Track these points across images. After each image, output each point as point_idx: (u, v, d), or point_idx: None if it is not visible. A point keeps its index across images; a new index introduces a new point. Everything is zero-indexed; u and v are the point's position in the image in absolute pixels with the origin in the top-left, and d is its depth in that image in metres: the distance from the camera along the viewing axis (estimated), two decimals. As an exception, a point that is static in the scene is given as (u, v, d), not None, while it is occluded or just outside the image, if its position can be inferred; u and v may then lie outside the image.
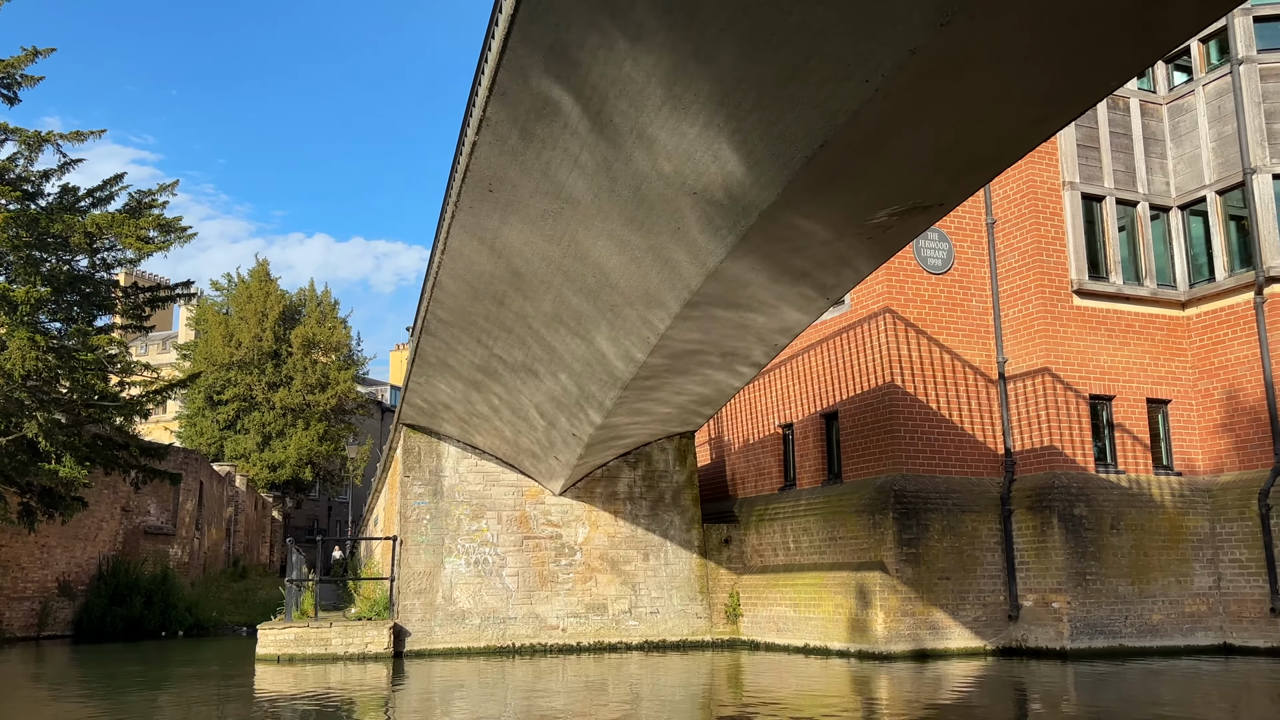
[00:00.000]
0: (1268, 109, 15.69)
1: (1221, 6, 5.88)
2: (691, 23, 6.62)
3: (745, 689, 13.00)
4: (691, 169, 8.46)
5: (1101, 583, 14.71)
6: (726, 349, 12.78)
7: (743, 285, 10.56)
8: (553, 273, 11.43)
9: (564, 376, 13.97)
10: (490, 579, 16.93)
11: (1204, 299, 16.37)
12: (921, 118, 7.25)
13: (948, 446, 15.87)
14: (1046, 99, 7.15)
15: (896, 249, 9.78)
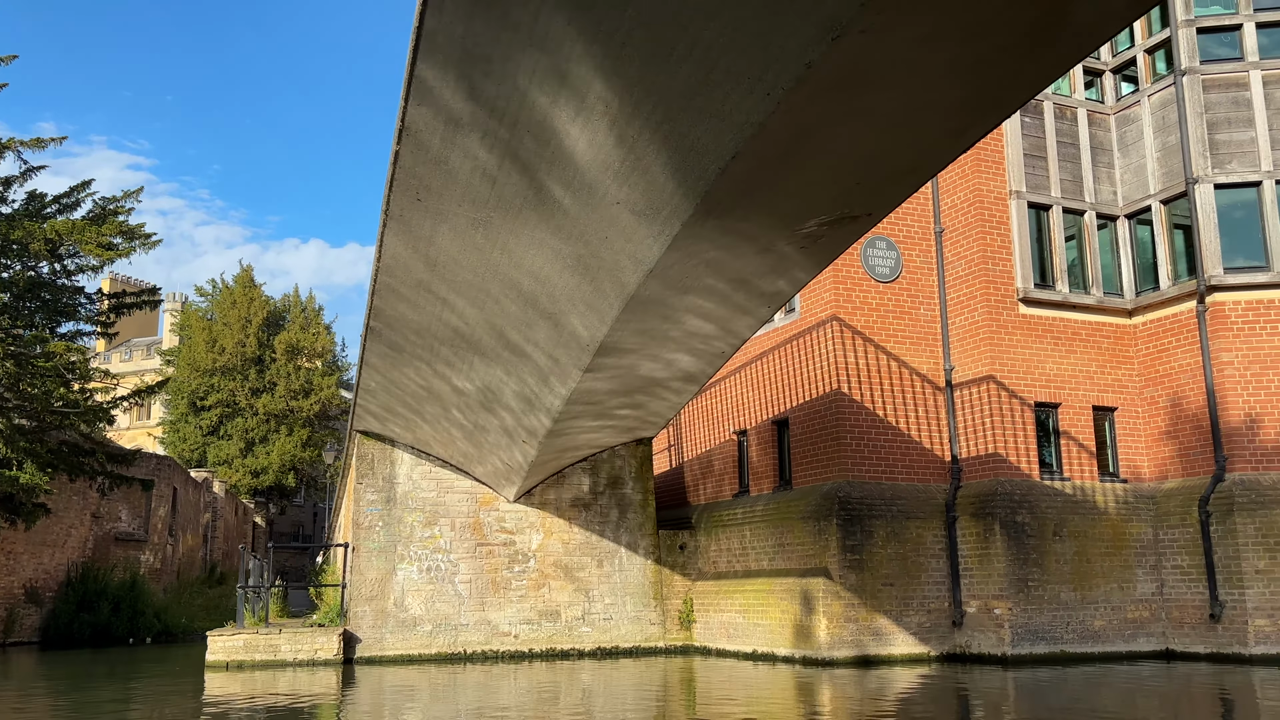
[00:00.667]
0: (1210, 120, 15.85)
1: (1121, 20, 5.96)
2: (595, 36, 6.72)
3: (689, 695, 13.08)
4: (611, 179, 8.56)
5: (1044, 589, 14.82)
6: (669, 357, 12.88)
7: (679, 292, 10.66)
8: (488, 281, 11.52)
9: (511, 384, 14.07)
10: (442, 586, 17.00)
11: (1150, 307, 16.52)
12: (835, 130, 7.35)
13: (894, 453, 15.99)
14: (961, 110, 7.24)
15: (833, 257, 9.86)
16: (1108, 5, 6.05)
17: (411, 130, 8.65)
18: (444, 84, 7.58)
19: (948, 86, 6.88)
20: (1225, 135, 15.82)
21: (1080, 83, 17.26)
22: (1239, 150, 15.75)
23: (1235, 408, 15.15)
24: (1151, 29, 16.85)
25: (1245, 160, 15.70)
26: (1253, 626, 14.22)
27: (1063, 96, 17.07)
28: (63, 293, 20.84)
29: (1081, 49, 6.42)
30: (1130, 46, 17.18)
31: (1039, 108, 16.75)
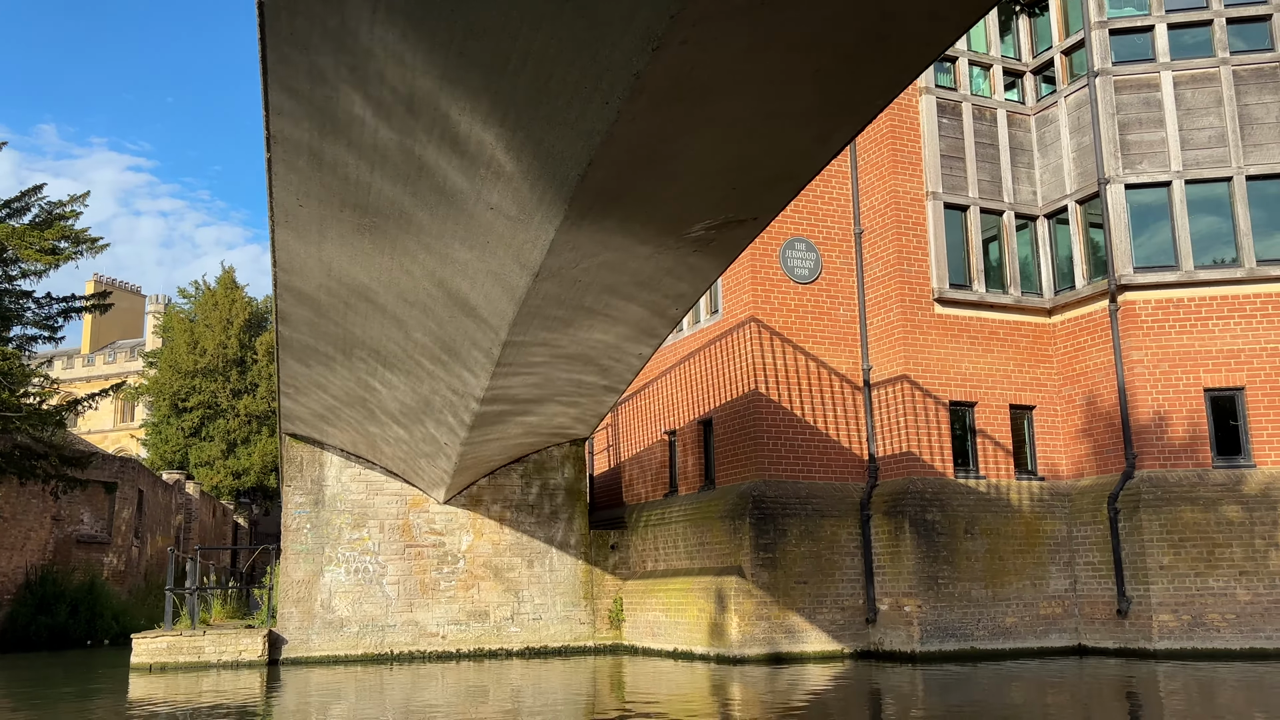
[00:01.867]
0: (1121, 120, 16.00)
1: (957, 27, 6.04)
2: (433, 47, 6.84)
3: (594, 693, 13.25)
4: (480, 185, 8.71)
5: (954, 586, 14.98)
6: (588, 358, 12.97)
7: (580, 293, 10.74)
8: (385, 287, 11.65)
9: (423, 392, 14.22)
10: (370, 587, 17.17)
11: (1067, 306, 16.67)
12: (691, 138, 7.49)
13: (812, 452, 16.15)
14: (819, 116, 7.37)
15: (730, 258, 9.86)
16: (939, 17, 6.18)
17: (279, 139, 8.80)
18: (298, 97, 7.71)
19: (796, 94, 7.02)
20: (1137, 136, 15.97)
21: (1000, 84, 17.41)
22: (1150, 151, 15.89)
23: (1145, 406, 15.31)
24: (1069, 30, 16.99)
25: (1156, 160, 15.85)
26: (1157, 622, 14.38)
27: (982, 98, 17.22)
28: (4, 296, 21.00)
29: (925, 56, 6.52)
30: (1049, 48, 17.32)
31: (957, 109, 16.90)
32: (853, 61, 6.58)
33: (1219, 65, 15.87)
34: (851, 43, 6.35)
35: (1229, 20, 16.01)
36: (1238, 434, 15.13)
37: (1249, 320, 15.27)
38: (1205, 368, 15.27)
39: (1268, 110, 15.67)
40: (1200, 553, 14.44)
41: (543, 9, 5.86)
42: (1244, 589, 14.27)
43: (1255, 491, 14.61)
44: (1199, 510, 14.58)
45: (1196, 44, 16.10)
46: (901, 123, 16.59)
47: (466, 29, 6.58)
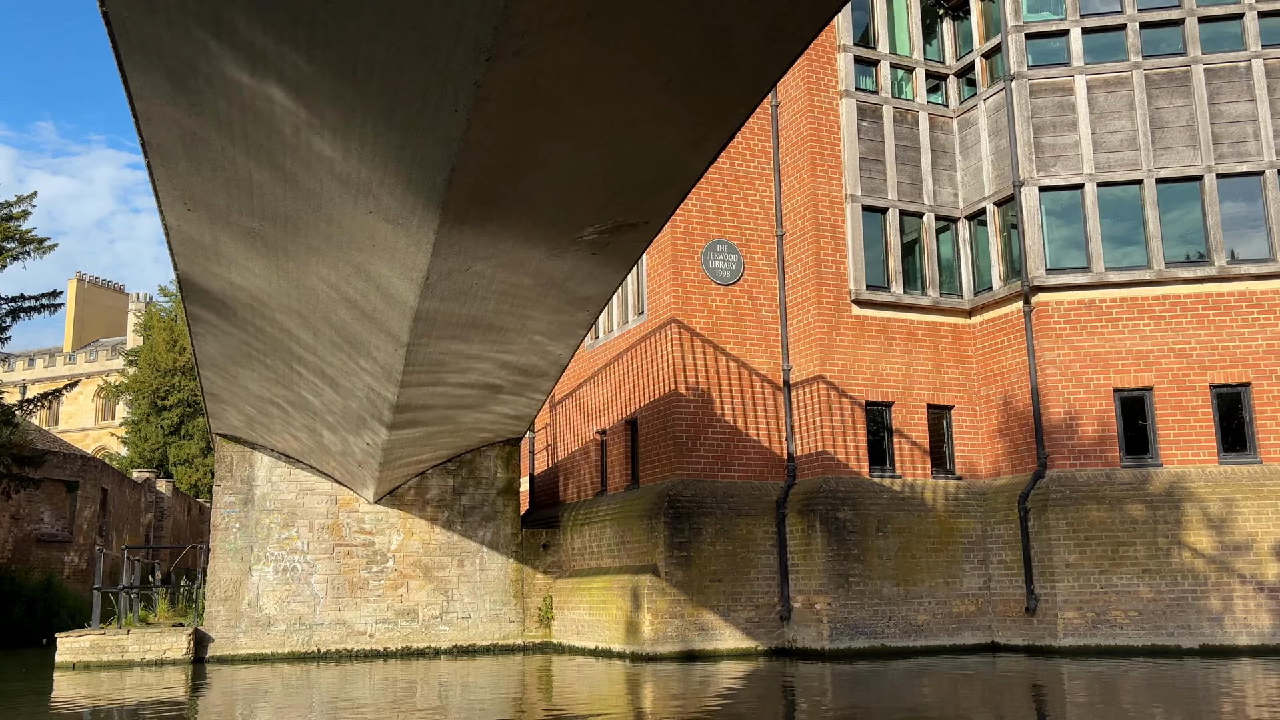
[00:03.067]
0: (1036, 123, 16.18)
1: (796, 41, 6.14)
2: (283, 56, 6.97)
3: (505, 692, 13.44)
4: (355, 190, 8.85)
5: (865, 584, 15.17)
6: (505, 362, 13.09)
7: (481, 299, 10.85)
8: (287, 291, 11.76)
9: (339, 398, 14.35)
10: (298, 586, 17.33)
11: (986, 307, 16.86)
12: (555, 143, 7.63)
13: (732, 452, 16.33)
14: (687, 123, 7.52)
15: (632, 261, 9.95)
16: (777, 30, 6.32)
17: (152, 145, 8.95)
18: (162, 106, 7.82)
19: (654, 102, 7.16)
20: (1051, 139, 16.15)
21: (923, 87, 17.58)
22: (1063, 153, 16.08)
23: (1056, 406, 15.50)
24: (989, 34, 17.17)
25: (1069, 163, 16.03)
26: (1062, 619, 14.58)
27: (904, 101, 17.39)
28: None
29: (776, 67, 6.67)
30: (971, 51, 17.49)
31: (878, 112, 17.07)
32: (703, 71, 6.74)
33: (1132, 69, 16.05)
34: (696, 54, 6.50)
35: (1142, 25, 16.19)
36: (1146, 434, 15.33)
37: (1158, 321, 15.47)
38: (1115, 368, 15.47)
39: (1178, 114, 15.86)
40: (1105, 551, 14.64)
41: (376, 21, 5.98)
42: (1147, 586, 14.47)
43: (1160, 491, 14.81)
44: (1105, 509, 14.78)
45: (1110, 48, 16.28)
46: (822, 126, 16.76)
47: (310, 38, 6.74)
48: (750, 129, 17.40)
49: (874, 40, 17.38)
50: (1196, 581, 14.39)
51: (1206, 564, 14.42)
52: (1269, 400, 15.06)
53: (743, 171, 17.28)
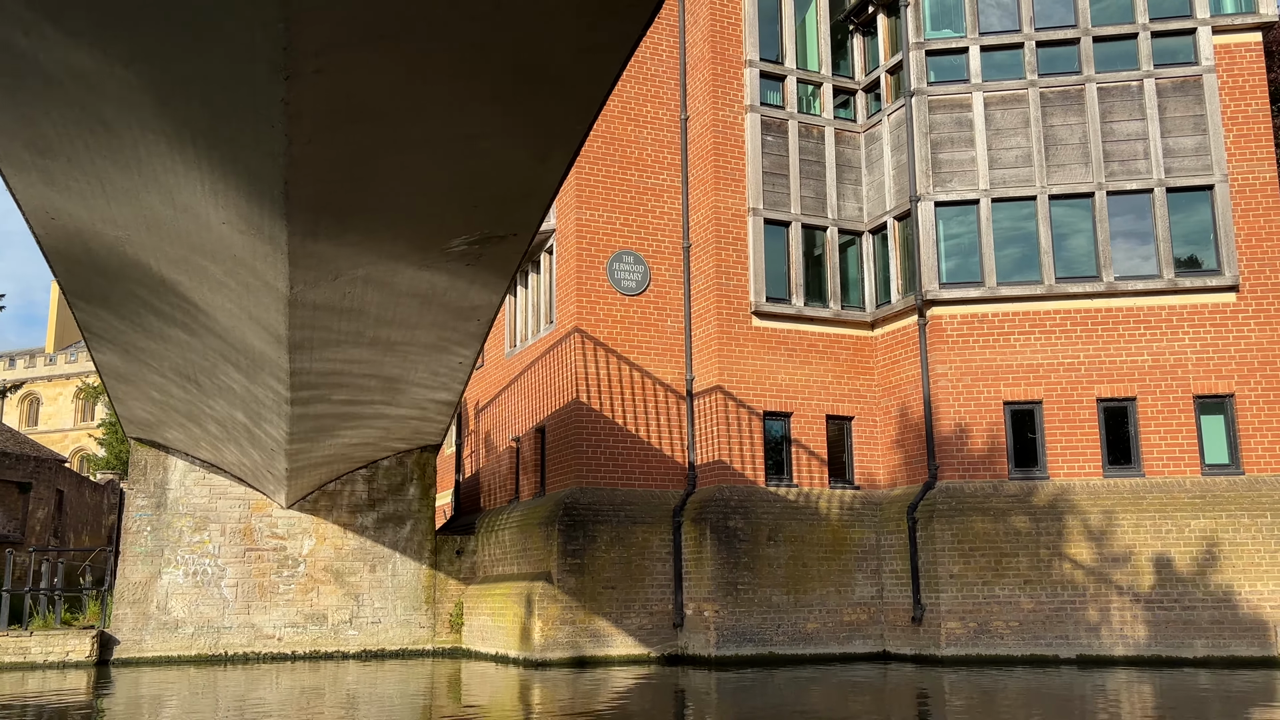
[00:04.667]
0: (934, 139, 16.43)
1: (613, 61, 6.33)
2: (101, 68, 7.14)
3: (397, 694, 13.64)
4: (202, 200, 9.03)
5: (754, 592, 15.36)
6: (402, 369, 13.22)
7: (355, 310, 11.00)
8: (163, 297, 11.92)
9: (238, 413, 14.52)
10: (208, 589, 17.52)
11: (886, 320, 17.09)
12: (393, 157, 7.82)
13: (633, 460, 16.53)
14: (526, 138, 7.74)
15: (508, 271, 10.03)
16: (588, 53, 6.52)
17: (6, 158, 9.14)
18: None
19: (485, 117, 7.33)
20: (948, 154, 16.40)
21: (830, 102, 17.83)
22: (960, 169, 16.32)
23: (948, 418, 15.72)
24: (894, 50, 17.42)
25: (965, 179, 16.28)
26: (945, 629, 14.78)
27: (811, 116, 17.64)
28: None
29: (601, 83, 6.84)
30: (878, 67, 17.75)
31: (783, 127, 17.32)
32: (526, 90, 6.93)
33: (1028, 87, 16.31)
34: (513, 74, 6.70)
35: (1039, 44, 16.46)
36: (1035, 446, 15.55)
37: (1048, 336, 15.69)
38: (1006, 381, 15.70)
39: (1071, 131, 16.11)
40: (989, 562, 14.84)
41: (172, 37, 6.16)
42: (1028, 597, 14.67)
43: (1044, 503, 15.02)
44: (990, 520, 14.99)
45: (1009, 66, 16.54)
46: (726, 140, 17.01)
47: (124, 53, 6.95)
48: (660, 142, 17.65)
49: (781, 56, 17.64)
50: (1076, 593, 14.60)
51: (1086, 575, 14.63)
52: (1153, 415, 15.28)
53: (651, 184, 17.52)
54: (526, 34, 6.03)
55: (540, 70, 6.73)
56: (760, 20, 17.54)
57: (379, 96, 6.88)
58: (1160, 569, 14.50)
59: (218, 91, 7.05)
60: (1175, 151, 15.85)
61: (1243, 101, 15.93)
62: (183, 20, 6.11)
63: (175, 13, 5.66)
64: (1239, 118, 15.89)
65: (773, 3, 17.75)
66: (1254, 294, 15.41)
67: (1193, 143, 15.83)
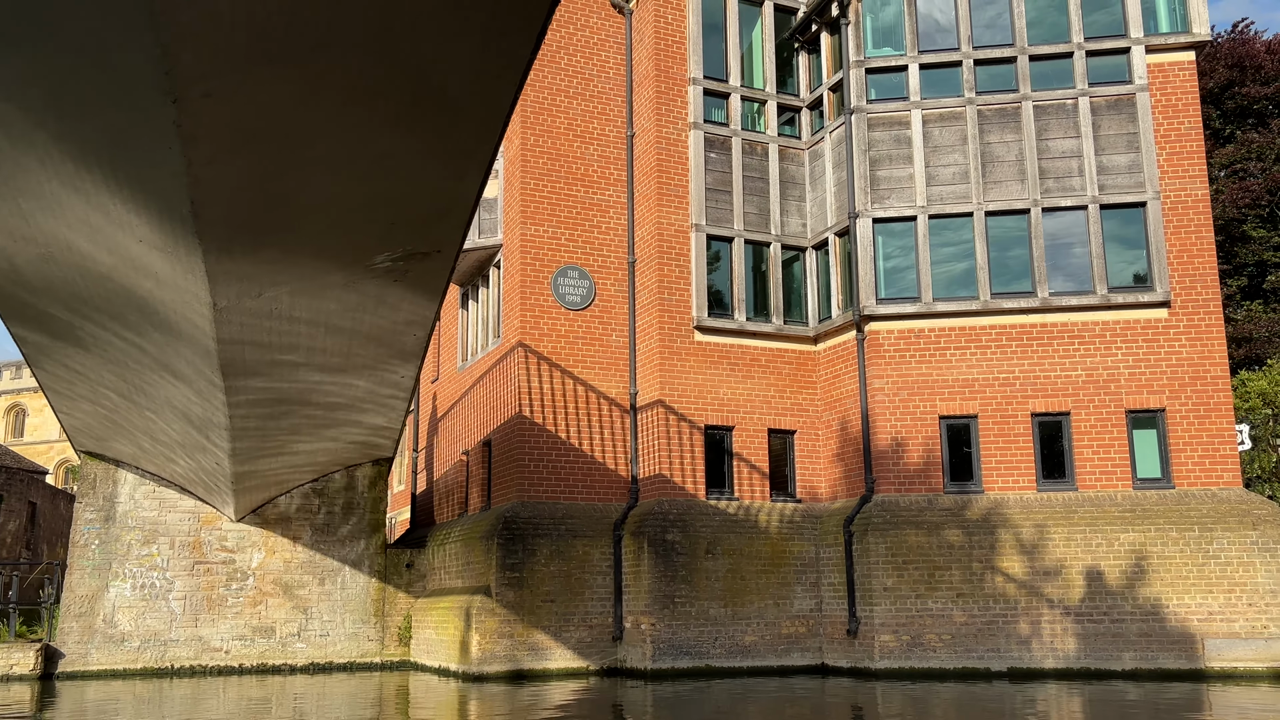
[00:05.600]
0: (873, 156, 16.62)
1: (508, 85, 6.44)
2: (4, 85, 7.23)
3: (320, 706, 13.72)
4: (117, 216, 9.16)
5: (691, 605, 15.47)
6: (342, 385, 13.33)
7: (287, 323, 11.08)
8: (86, 318, 12.04)
9: (174, 431, 14.62)
10: (155, 603, 17.60)
11: (828, 334, 17.25)
12: (303, 177, 7.91)
13: (576, 474, 16.66)
14: (438, 158, 7.88)
15: (438, 287, 10.05)
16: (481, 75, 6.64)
17: None
18: None
19: (392, 138, 7.45)
20: (887, 171, 16.59)
21: (774, 119, 18.03)
22: (898, 186, 16.51)
23: (885, 432, 15.86)
24: (837, 68, 17.63)
25: (903, 196, 16.46)
26: (878, 642, 14.89)
27: (755, 133, 17.83)
28: None
29: (499, 108, 6.98)
30: (821, 85, 17.96)
31: (727, 144, 17.51)
32: (426, 112, 7.06)
33: (966, 105, 16.51)
34: (409, 96, 6.85)
35: (977, 62, 16.67)
36: (971, 460, 15.69)
37: (984, 351, 15.85)
38: (942, 396, 15.85)
39: (1008, 149, 16.31)
40: (922, 575, 14.97)
41: (58, 61, 6.28)
42: (960, 610, 14.79)
43: (977, 516, 15.15)
44: (923, 534, 15.12)
45: (947, 83, 16.75)
46: (670, 157, 17.20)
47: (17, 74, 7.08)
48: (607, 158, 17.84)
49: (726, 74, 17.84)
50: (1008, 606, 14.72)
51: (1018, 589, 14.75)
52: (1087, 429, 15.44)
53: (598, 200, 17.70)
54: (417, 58, 6.19)
55: (438, 92, 6.87)
56: (705, 38, 17.75)
57: (275, 119, 7.00)
58: (1090, 582, 14.63)
59: (113, 114, 7.19)
60: (1109, 169, 16.05)
61: (1176, 119, 16.14)
62: (70, 46, 6.27)
63: (61, 38, 5.82)
64: (1172, 135, 16.10)
65: (718, 21, 17.97)
66: (1185, 309, 15.59)
67: (1126, 160, 16.03)
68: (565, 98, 17.70)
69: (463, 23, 6.29)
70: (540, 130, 17.42)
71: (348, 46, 5.98)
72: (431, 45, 6.22)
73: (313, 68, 6.41)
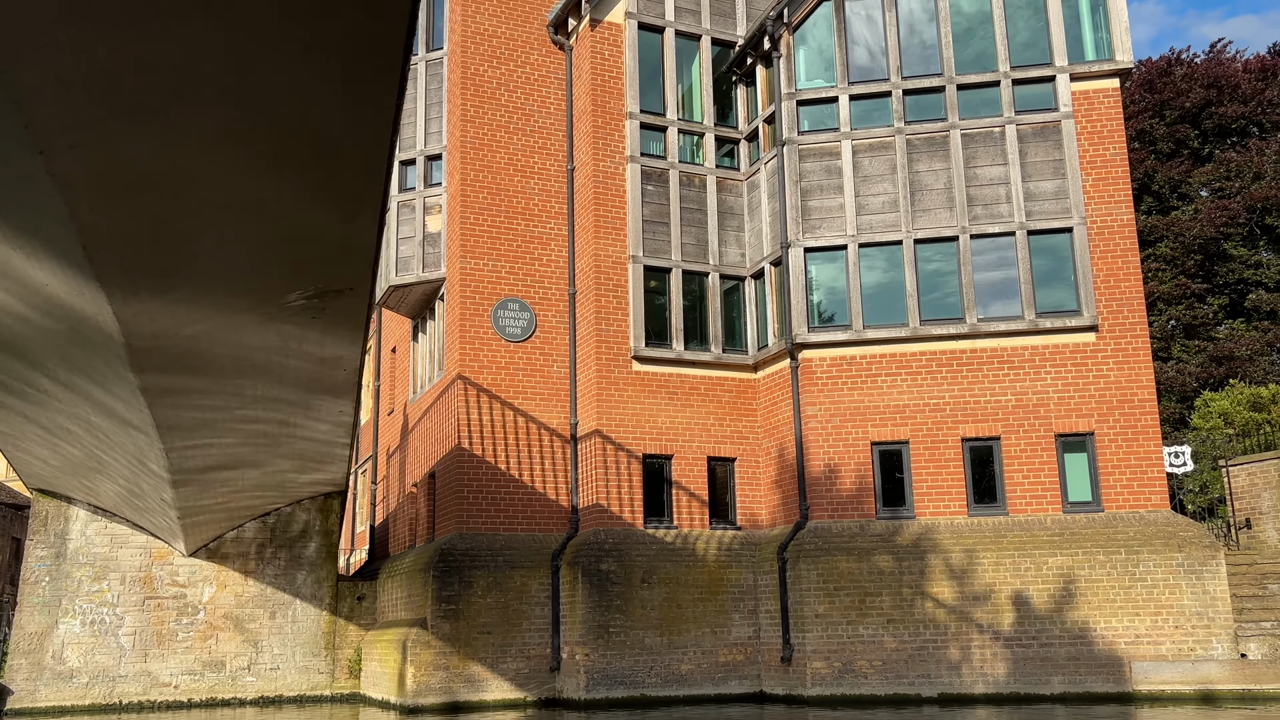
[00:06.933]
0: (804, 187, 16.85)
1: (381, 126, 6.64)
2: None
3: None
4: (18, 260, 9.40)
5: (626, 634, 15.55)
6: (267, 427, 13.47)
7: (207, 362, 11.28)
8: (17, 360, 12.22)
9: (120, 456, 14.82)
10: (105, 639, 17.75)
11: (766, 363, 17.42)
12: (194, 220, 8.10)
13: (515, 505, 16.80)
14: (324, 202, 8.08)
15: (358, 323, 10.18)
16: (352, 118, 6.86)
17: None
18: None
19: (270, 182, 7.70)
20: (818, 201, 16.81)
21: (713, 152, 18.29)
22: (829, 215, 16.73)
23: (818, 459, 15.98)
24: (771, 100, 17.90)
25: (834, 225, 16.68)
26: (810, 669, 14.94)
27: (693, 165, 18.09)
28: None
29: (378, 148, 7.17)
30: (757, 117, 18.23)
31: (664, 176, 17.78)
32: (303, 155, 7.29)
33: (895, 134, 16.75)
34: (282, 141, 7.08)
35: (906, 92, 16.92)
36: (903, 486, 15.79)
37: (914, 377, 15.99)
38: (874, 422, 15.97)
39: (936, 177, 16.52)
40: (853, 601, 15.03)
41: None
42: (891, 636, 14.84)
43: (908, 542, 15.23)
44: (854, 560, 15.20)
45: (877, 114, 17.00)
46: (607, 190, 17.46)
47: None
48: (548, 192, 18.12)
49: (664, 108, 18.14)
50: (938, 631, 14.77)
51: (948, 614, 14.80)
52: (1016, 454, 15.53)
53: (539, 232, 17.96)
54: (281, 106, 6.44)
55: (310, 137, 7.06)
56: (643, 73, 18.07)
57: (147, 167, 7.23)
58: (1019, 606, 14.68)
59: (-2, 166, 7.44)
60: (1036, 195, 16.24)
61: (1101, 146, 16.34)
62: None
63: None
64: (1097, 161, 16.29)
65: (656, 57, 18.29)
66: (1112, 333, 15.71)
67: (1053, 186, 16.23)
68: (506, 133, 18.01)
69: (320, 72, 6.55)
70: (480, 166, 17.72)
71: (205, 97, 6.22)
72: (293, 94, 6.46)
73: (172, 118, 6.65)
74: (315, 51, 5.92)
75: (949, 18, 17.02)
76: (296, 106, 6.54)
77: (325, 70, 6.09)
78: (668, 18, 18.29)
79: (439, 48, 18.85)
